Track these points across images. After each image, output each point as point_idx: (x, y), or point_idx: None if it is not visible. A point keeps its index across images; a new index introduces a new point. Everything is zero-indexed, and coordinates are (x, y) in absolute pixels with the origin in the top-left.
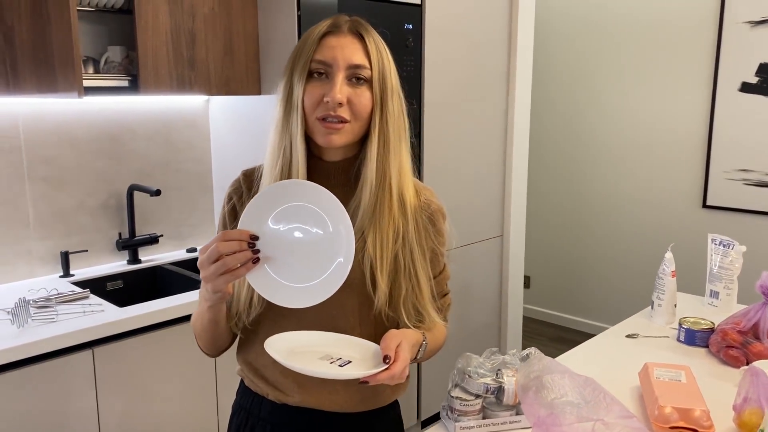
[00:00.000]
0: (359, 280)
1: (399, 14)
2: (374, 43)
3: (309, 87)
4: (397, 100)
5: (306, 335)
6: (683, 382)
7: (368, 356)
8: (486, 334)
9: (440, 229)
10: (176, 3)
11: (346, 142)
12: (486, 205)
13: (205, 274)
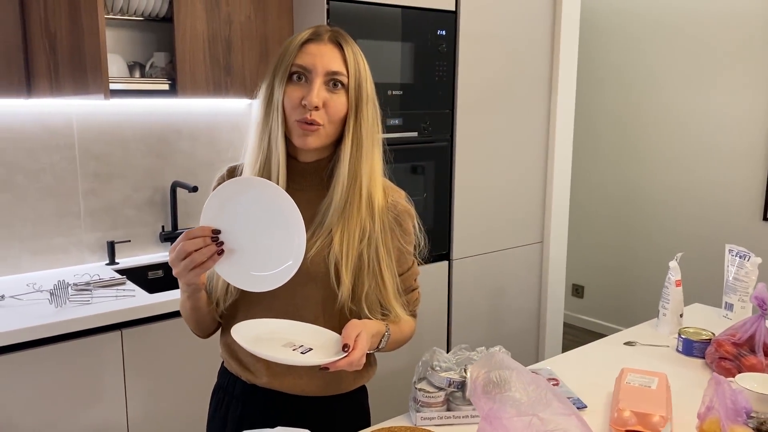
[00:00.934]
0: (324, 274)
1: (432, 21)
2: (352, 53)
3: (289, 90)
4: (372, 107)
5: (272, 323)
6: (652, 388)
7: (329, 344)
8: (522, 341)
9: (407, 228)
10: (213, 12)
11: (320, 144)
12: (524, 211)
13: (177, 270)
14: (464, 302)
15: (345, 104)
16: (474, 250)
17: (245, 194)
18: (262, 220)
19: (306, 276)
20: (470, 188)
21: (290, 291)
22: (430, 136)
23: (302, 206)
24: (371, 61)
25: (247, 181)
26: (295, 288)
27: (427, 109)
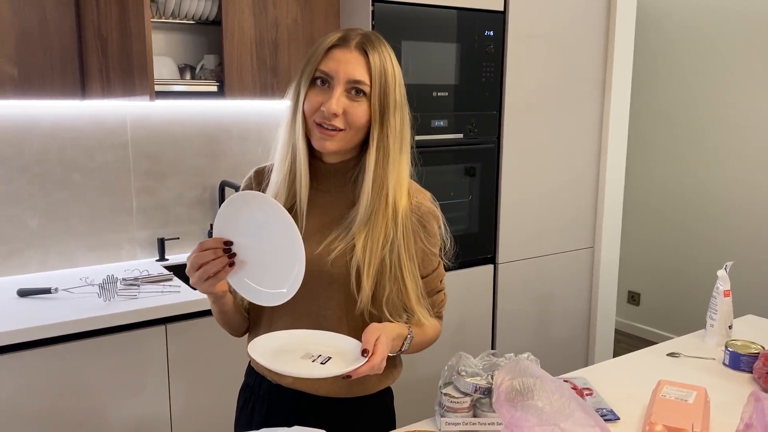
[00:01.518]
0: (345, 277)
1: (479, 21)
2: (379, 60)
3: (310, 93)
4: (399, 113)
5: (288, 334)
6: (689, 402)
7: (349, 350)
8: (571, 349)
9: (431, 230)
10: (261, 15)
11: (338, 149)
12: (575, 214)
13: (192, 281)
14: (510, 307)
15: (366, 112)
16: (521, 254)
17: (254, 210)
18: (269, 238)
19: (328, 278)
20: (517, 191)
21: (313, 292)
22: (476, 138)
23: (324, 207)
24: (416, 62)
25: (257, 199)
26: (318, 290)
27: (474, 111)
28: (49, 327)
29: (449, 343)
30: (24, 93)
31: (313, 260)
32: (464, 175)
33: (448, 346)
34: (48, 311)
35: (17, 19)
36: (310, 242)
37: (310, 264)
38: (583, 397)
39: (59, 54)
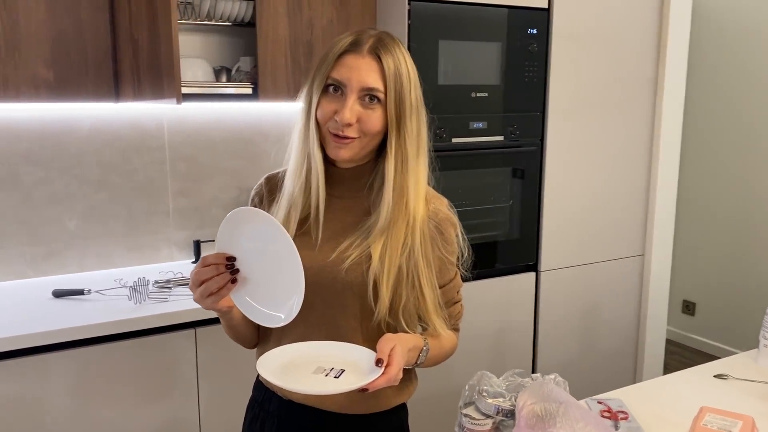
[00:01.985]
0: (360, 285)
1: (521, 19)
2: (393, 66)
3: (323, 101)
4: (416, 117)
5: (296, 347)
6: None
7: (362, 361)
8: (618, 361)
9: (449, 238)
10: (296, 16)
11: (353, 156)
12: (624, 221)
13: (195, 298)
14: (553, 317)
15: (381, 119)
16: (565, 261)
17: (257, 227)
18: (271, 258)
19: (343, 286)
20: (562, 195)
21: (327, 302)
22: (517, 140)
23: (338, 213)
24: (453, 62)
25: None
26: (332, 298)
27: (515, 112)
28: (77, 329)
29: (487, 354)
30: (59, 96)
31: (327, 268)
32: (505, 179)
33: (485, 357)
34: (78, 313)
35: (53, 23)
36: (324, 249)
37: (323, 272)
38: (618, 420)
39: (93, 57)
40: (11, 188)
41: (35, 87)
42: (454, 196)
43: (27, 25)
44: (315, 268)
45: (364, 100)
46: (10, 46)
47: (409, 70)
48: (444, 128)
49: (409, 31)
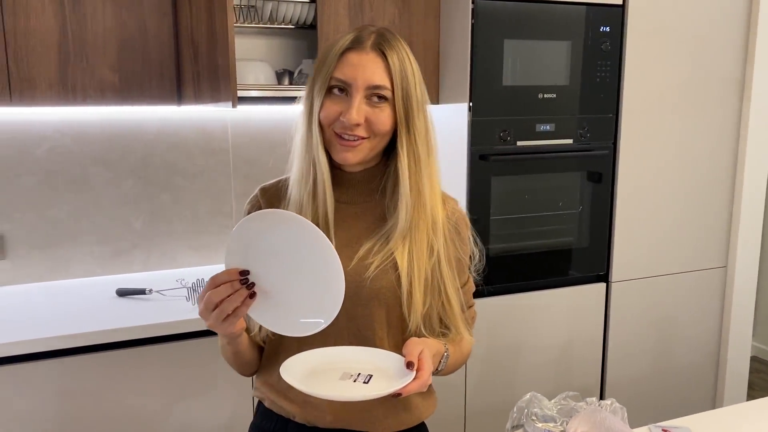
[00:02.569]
0: (387, 295)
1: (593, 17)
2: (398, 61)
3: (327, 102)
4: (423, 115)
5: (320, 353)
6: None
7: (389, 366)
8: (696, 379)
9: (464, 237)
10: (357, 17)
11: (361, 160)
12: (705, 230)
13: (209, 323)
14: (624, 331)
15: (390, 118)
16: (639, 272)
17: (274, 230)
18: (295, 260)
19: (368, 295)
20: (636, 201)
21: (350, 312)
22: (588, 143)
23: (351, 220)
24: (519, 62)
25: (277, 217)
26: (356, 309)
27: (586, 114)
28: (133, 329)
29: (552, 367)
30: (124, 100)
31: (348, 278)
32: (574, 184)
33: (550, 370)
34: (137, 312)
35: (119, 28)
36: (340, 258)
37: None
38: None
39: (157, 61)
40: (82, 189)
41: (101, 91)
42: (519, 202)
43: (94, 32)
44: None
45: (371, 99)
46: (79, 52)
47: (413, 65)
48: (508, 131)
49: (472, 30)
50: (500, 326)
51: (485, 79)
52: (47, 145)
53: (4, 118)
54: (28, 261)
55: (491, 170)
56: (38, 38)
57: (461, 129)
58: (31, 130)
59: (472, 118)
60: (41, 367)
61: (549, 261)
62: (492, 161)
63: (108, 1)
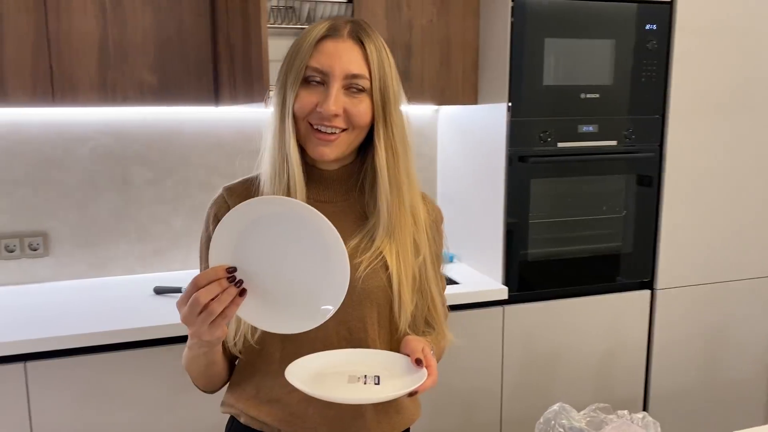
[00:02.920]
0: (380, 295)
1: (638, 14)
2: (375, 50)
3: (302, 93)
4: (399, 108)
5: (321, 357)
6: None
7: (394, 365)
8: (747, 393)
9: (441, 232)
10: (394, 17)
11: (339, 155)
12: (758, 236)
13: (194, 329)
14: (670, 341)
15: (369, 109)
16: (685, 279)
17: (271, 218)
18: (287, 249)
19: (360, 296)
20: (684, 205)
21: (340, 315)
22: (633, 145)
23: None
24: (561, 61)
25: (277, 203)
26: (347, 311)
27: (631, 115)
28: (167, 327)
29: (593, 378)
30: (163, 100)
31: None
32: (618, 187)
33: (590, 380)
34: (174, 311)
35: (158, 29)
36: None
37: None
38: None
39: (195, 62)
40: (123, 188)
41: (141, 92)
42: (560, 205)
43: (134, 33)
44: None
45: (350, 89)
46: (119, 53)
47: (389, 57)
48: (549, 132)
49: (512, 28)
50: (538, 332)
51: (525, 78)
52: (90, 145)
53: (49, 119)
54: (70, 258)
55: (530, 172)
56: (80, 40)
57: (499, 130)
58: (75, 129)
59: (510, 119)
60: (80, 362)
61: (591, 266)
62: (531, 163)
63: (147, 3)
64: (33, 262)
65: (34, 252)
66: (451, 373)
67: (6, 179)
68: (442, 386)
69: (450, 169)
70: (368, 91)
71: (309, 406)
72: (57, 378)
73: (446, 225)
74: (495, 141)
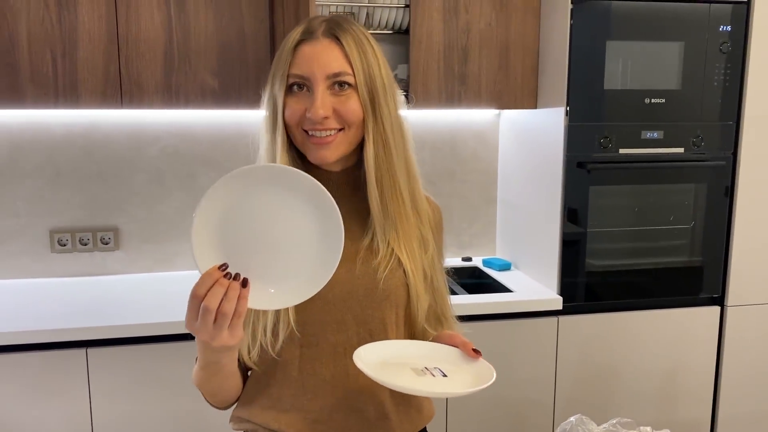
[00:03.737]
0: (397, 294)
1: (712, 15)
2: (354, 43)
3: (289, 101)
4: (392, 99)
5: (377, 348)
6: None
7: (448, 357)
8: None
9: (442, 229)
10: (451, 20)
11: (340, 155)
12: None
13: (212, 338)
14: (741, 362)
15: (358, 104)
16: (760, 296)
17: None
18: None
19: (381, 296)
20: (759, 217)
21: (359, 318)
22: (702, 153)
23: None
24: (624, 64)
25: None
26: (367, 312)
27: (701, 121)
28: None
29: (655, 397)
30: (223, 103)
31: (357, 281)
32: (686, 197)
33: (652, 400)
34: None
35: (219, 34)
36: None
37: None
38: None
39: (254, 66)
40: (189, 187)
41: (202, 95)
42: (621, 214)
43: (197, 38)
44: (341, 283)
45: (334, 88)
46: (183, 57)
47: (372, 45)
48: (610, 137)
49: (571, 31)
50: (595, 346)
51: (584, 82)
52: (159, 145)
53: (121, 120)
54: (138, 253)
55: (589, 179)
56: (147, 44)
57: (557, 134)
58: (145, 130)
59: (568, 123)
60: (137, 350)
61: (654, 279)
62: (590, 169)
63: (210, 9)
64: (104, 255)
65: (105, 246)
66: (501, 382)
67: (83, 177)
68: (492, 394)
69: (509, 175)
70: (354, 85)
71: (333, 411)
72: (116, 364)
73: (504, 231)
74: (553, 146)
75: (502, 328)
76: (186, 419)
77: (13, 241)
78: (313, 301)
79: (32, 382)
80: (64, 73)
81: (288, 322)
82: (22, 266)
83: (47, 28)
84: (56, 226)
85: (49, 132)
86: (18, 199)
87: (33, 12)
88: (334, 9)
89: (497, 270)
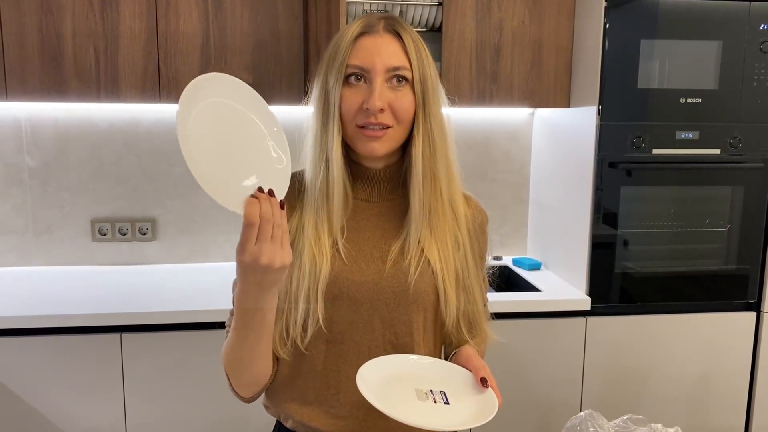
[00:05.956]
0: (427, 297)
1: (751, 13)
2: (412, 42)
3: (346, 93)
4: (439, 100)
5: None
6: None
7: (457, 381)
8: None
9: (486, 235)
10: (484, 18)
11: (388, 150)
12: None
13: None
14: None
15: (412, 101)
16: None
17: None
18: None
19: (411, 299)
20: None
21: (386, 320)
22: (739, 155)
23: (376, 219)
24: (658, 63)
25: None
26: (392, 315)
27: (737, 122)
28: None
29: (686, 402)
30: None
31: (385, 282)
32: (722, 199)
33: (683, 405)
34: None
35: (254, 31)
36: (370, 261)
37: (380, 287)
38: None
39: (288, 63)
40: None
41: None
42: (654, 215)
43: (233, 36)
44: (369, 284)
45: (392, 82)
46: (219, 54)
47: (426, 49)
48: (643, 137)
49: (604, 30)
50: (624, 347)
51: (618, 81)
52: None
53: (160, 115)
54: (174, 244)
55: (621, 179)
56: (185, 41)
57: (589, 134)
58: None
59: (600, 122)
60: (169, 336)
61: (687, 282)
62: (622, 169)
63: (246, 6)
64: (142, 245)
65: (143, 236)
66: (528, 381)
67: (123, 169)
68: (518, 393)
69: (542, 174)
70: (410, 82)
71: (354, 408)
72: (149, 350)
73: (535, 231)
74: (585, 145)
75: (530, 326)
76: (211, 404)
77: (57, 230)
78: (341, 299)
79: (69, 363)
80: (106, 68)
81: (317, 318)
82: (65, 254)
83: (91, 24)
84: (97, 216)
85: (93, 126)
86: (63, 189)
87: (78, 8)
88: (367, 8)
89: (527, 269)
